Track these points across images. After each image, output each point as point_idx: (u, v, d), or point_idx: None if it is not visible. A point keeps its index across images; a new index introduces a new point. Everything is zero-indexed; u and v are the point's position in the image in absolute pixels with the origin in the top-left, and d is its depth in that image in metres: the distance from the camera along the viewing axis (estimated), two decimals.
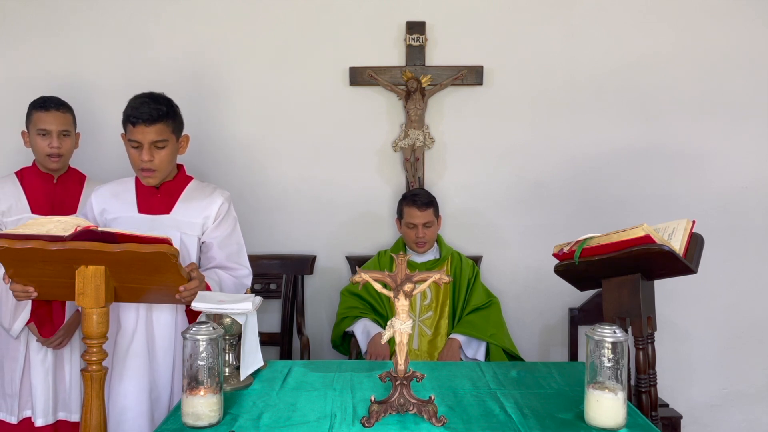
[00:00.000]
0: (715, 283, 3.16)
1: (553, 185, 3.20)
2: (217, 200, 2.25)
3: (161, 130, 2.12)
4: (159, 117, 2.11)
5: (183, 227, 2.21)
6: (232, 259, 2.26)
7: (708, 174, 3.19)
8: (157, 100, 2.15)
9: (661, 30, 3.15)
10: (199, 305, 1.79)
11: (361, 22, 3.15)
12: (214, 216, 2.24)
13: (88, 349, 1.74)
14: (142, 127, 2.10)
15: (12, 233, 1.67)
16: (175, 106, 2.22)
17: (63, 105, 2.55)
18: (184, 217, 2.22)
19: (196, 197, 2.25)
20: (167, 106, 2.16)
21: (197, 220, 2.22)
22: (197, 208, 2.23)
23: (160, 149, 2.13)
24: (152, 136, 2.11)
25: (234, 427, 1.61)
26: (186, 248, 2.20)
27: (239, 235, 2.31)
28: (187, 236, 2.20)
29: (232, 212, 2.31)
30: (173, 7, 3.14)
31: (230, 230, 2.27)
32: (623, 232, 2.00)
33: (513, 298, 3.20)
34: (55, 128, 2.49)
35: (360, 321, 2.83)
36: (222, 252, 2.24)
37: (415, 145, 3.13)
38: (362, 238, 3.23)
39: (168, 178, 2.25)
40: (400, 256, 1.66)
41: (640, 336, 2.11)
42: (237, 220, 2.32)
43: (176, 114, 2.20)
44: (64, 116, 2.53)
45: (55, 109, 2.50)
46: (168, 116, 2.14)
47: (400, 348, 1.63)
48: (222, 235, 2.25)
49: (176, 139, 2.20)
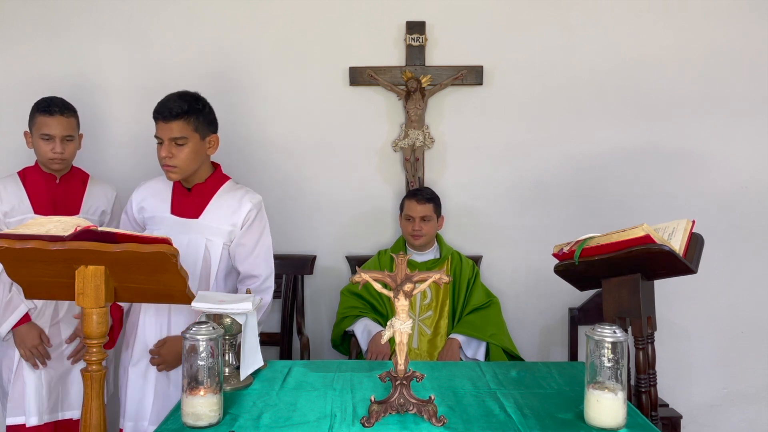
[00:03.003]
0: (715, 283, 3.16)
1: (553, 185, 3.20)
2: (245, 206, 2.25)
3: (180, 127, 2.14)
4: (178, 114, 2.13)
5: (209, 233, 2.23)
6: (254, 269, 2.30)
7: (708, 174, 3.18)
8: (182, 97, 2.18)
9: (661, 30, 3.15)
10: (199, 305, 1.79)
11: (361, 22, 3.15)
12: (241, 223, 2.25)
13: (88, 349, 1.74)
14: (161, 123, 2.15)
15: (12, 233, 1.67)
16: (203, 104, 2.22)
17: (67, 108, 2.49)
18: (211, 223, 2.24)
19: (226, 202, 2.26)
20: (189, 104, 2.17)
21: (225, 227, 2.24)
22: (226, 214, 2.24)
23: (180, 146, 2.15)
24: (171, 133, 2.14)
25: (234, 427, 1.61)
26: (209, 255, 2.23)
27: (264, 244, 2.32)
28: (211, 243, 2.24)
29: (262, 218, 2.31)
30: (174, 7, 3.14)
31: (257, 238, 2.29)
32: (623, 232, 2.00)
33: (513, 298, 3.20)
34: (58, 133, 2.44)
35: (360, 321, 2.83)
36: (246, 262, 2.28)
37: (415, 145, 3.13)
38: (362, 238, 3.23)
39: (199, 179, 2.27)
40: (400, 256, 1.66)
41: (640, 336, 2.11)
42: (266, 226, 2.34)
43: (200, 112, 2.19)
44: (68, 121, 2.47)
45: (60, 114, 2.44)
46: (189, 114, 2.15)
47: (400, 348, 1.63)
48: (249, 243, 2.27)
49: (200, 137, 2.20)
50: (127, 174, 3.03)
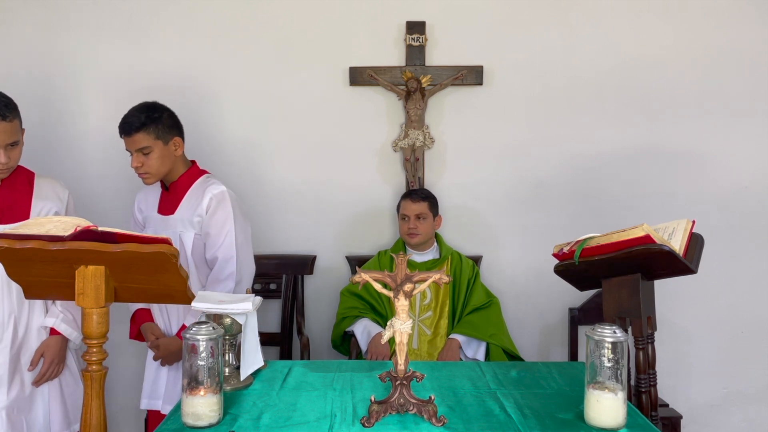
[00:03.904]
0: (715, 283, 3.16)
1: (553, 185, 3.20)
2: (206, 197, 2.37)
3: (143, 138, 2.29)
4: (138, 127, 2.28)
5: (181, 226, 2.39)
6: (216, 252, 2.37)
7: (708, 174, 3.18)
8: (140, 110, 2.33)
9: (661, 30, 3.15)
10: (200, 305, 1.79)
11: (361, 22, 3.15)
12: (204, 212, 2.36)
13: (88, 349, 1.74)
14: (125, 137, 2.32)
15: (12, 233, 1.67)
16: (160, 112, 2.35)
17: (9, 110, 2.07)
18: (184, 216, 2.39)
19: (194, 195, 2.40)
20: (147, 115, 2.30)
21: (194, 219, 2.37)
22: (193, 206, 2.38)
23: (147, 155, 2.31)
24: (136, 145, 2.30)
25: (234, 427, 1.61)
26: (183, 246, 2.36)
27: (228, 232, 2.36)
28: (184, 234, 2.38)
29: (225, 207, 2.37)
30: (174, 7, 3.14)
31: (220, 225, 2.37)
32: (623, 232, 2.00)
33: (513, 298, 3.20)
34: (2, 142, 2.06)
35: (360, 321, 2.83)
36: (212, 248, 2.38)
37: (415, 145, 3.13)
38: (362, 238, 3.23)
39: (173, 178, 2.42)
40: (400, 256, 1.66)
41: (640, 336, 2.11)
42: (231, 215, 2.38)
43: (159, 120, 2.32)
44: (11, 125, 2.07)
45: (1, 119, 2.04)
46: (147, 125, 2.29)
47: (400, 348, 1.63)
48: (212, 231, 2.37)
49: (163, 143, 2.33)
50: (127, 175, 3.02)
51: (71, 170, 3.06)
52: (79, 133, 3.15)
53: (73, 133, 3.15)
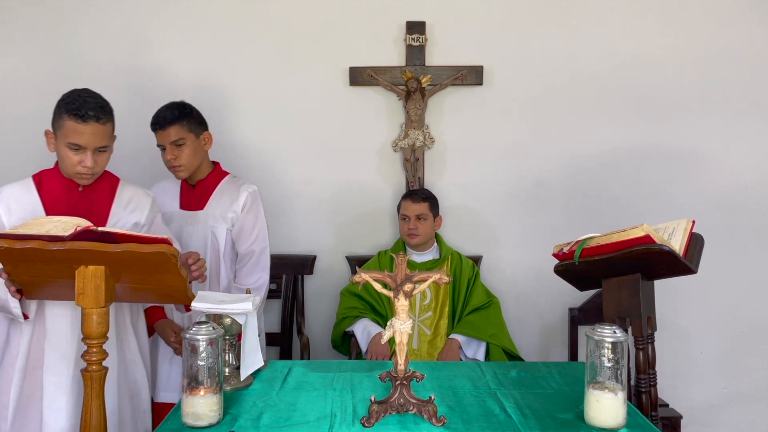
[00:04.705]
0: (715, 283, 3.15)
1: (553, 185, 3.20)
2: (243, 194, 2.55)
3: (177, 130, 2.45)
4: (172, 120, 2.44)
5: (213, 221, 2.53)
6: (251, 246, 2.56)
7: (708, 174, 3.18)
8: (170, 106, 2.49)
9: (661, 30, 3.15)
10: (200, 305, 1.79)
11: (361, 22, 3.15)
12: (240, 208, 2.54)
13: (88, 349, 1.74)
14: (160, 131, 2.47)
15: (12, 233, 1.67)
16: (190, 109, 2.53)
17: (104, 112, 1.99)
18: (215, 212, 2.54)
19: (226, 192, 2.56)
20: (179, 110, 2.48)
21: (227, 214, 2.53)
22: (227, 203, 2.54)
23: (180, 147, 2.46)
24: (169, 137, 2.45)
25: (234, 427, 1.61)
26: (216, 240, 2.53)
27: (260, 227, 2.58)
28: (216, 229, 2.53)
29: (258, 204, 2.59)
30: (174, 7, 3.14)
31: (253, 221, 2.56)
32: (623, 232, 2.00)
33: (513, 298, 3.20)
34: (91, 145, 1.97)
35: (360, 321, 2.83)
36: (246, 242, 2.56)
37: (415, 145, 3.13)
38: (362, 238, 3.23)
39: (201, 176, 2.58)
40: (400, 256, 1.66)
41: (640, 336, 2.11)
42: (261, 211, 2.60)
43: (190, 115, 2.50)
44: (103, 128, 1.99)
45: (95, 120, 1.96)
46: (180, 118, 2.46)
47: (400, 348, 1.63)
48: (247, 226, 2.55)
49: (195, 136, 2.50)
50: (131, 174, 3.02)
51: None
52: None
53: None
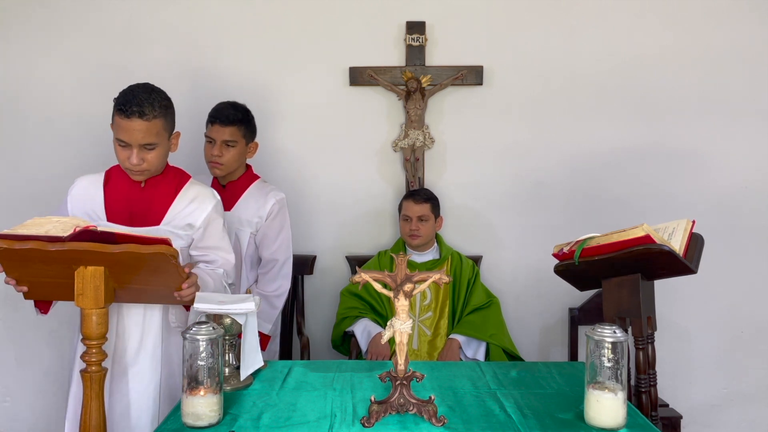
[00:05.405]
0: (715, 283, 3.15)
1: (552, 185, 3.20)
2: (270, 201, 2.59)
3: (233, 132, 2.52)
4: (233, 121, 2.50)
5: (238, 224, 2.56)
6: (275, 255, 2.60)
7: (708, 174, 3.18)
8: (236, 107, 2.55)
9: (661, 30, 3.15)
10: (200, 305, 1.79)
11: (361, 22, 3.14)
12: (266, 215, 2.57)
13: (88, 350, 1.74)
14: (218, 126, 2.51)
15: (11, 234, 1.67)
16: (251, 116, 2.61)
17: (152, 109, 1.92)
18: (241, 215, 2.56)
19: (254, 197, 2.60)
20: (243, 114, 2.55)
21: (253, 219, 2.57)
22: (253, 207, 2.57)
23: (230, 147, 2.52)
24: (224, 136, 2.51)
25: (234, 427, 1.61)
26: (238, 243, 2.55)
27: (285, 235, 2.62)
28: (240, 231, 2.56)
29: (284, 213, 2.63)
30: (174, 7, 3.14)
31: (278, 229, 2.60)
32: (623, 232, 2.00)
33: (513, 298, 3.20)
34: (135, 142, 1.92)
35: (360, 321, 2.83)
36: (269, 249, 2.59)
37: (415, 145, 3.13)
38: (362, 238, 3.23)
39: (233, 177, 2.62)
40: (400, 256, 1.66)
41: (640, 336, 2.11)
42: (287, 220, 2.65)
43: (250, 122, 2.58)
44: (148, 125, 1.90)
45: (138, 116, 1.89)
46: (242, 122, 2.53)
47: (400, 348, 1.63)
48: (272, 233, 2.58)
49: (245, 143, 2.58)
50: None
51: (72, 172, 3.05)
52: (80, 133, 3.15)
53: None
